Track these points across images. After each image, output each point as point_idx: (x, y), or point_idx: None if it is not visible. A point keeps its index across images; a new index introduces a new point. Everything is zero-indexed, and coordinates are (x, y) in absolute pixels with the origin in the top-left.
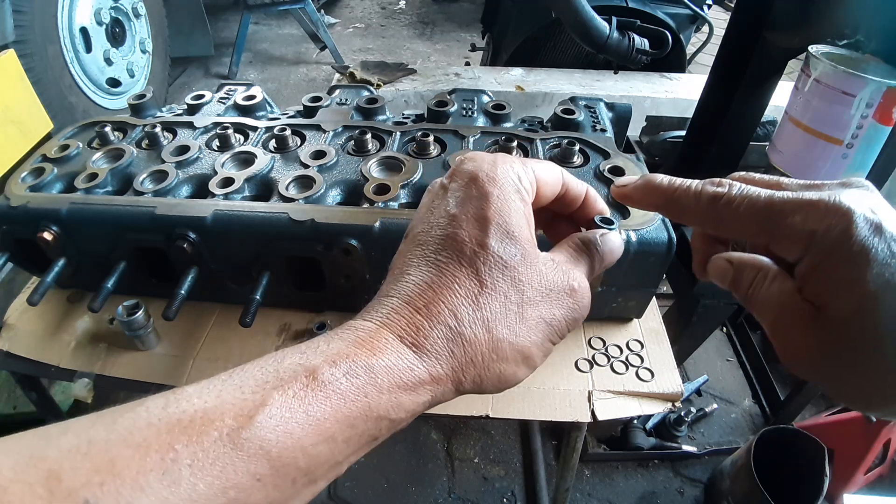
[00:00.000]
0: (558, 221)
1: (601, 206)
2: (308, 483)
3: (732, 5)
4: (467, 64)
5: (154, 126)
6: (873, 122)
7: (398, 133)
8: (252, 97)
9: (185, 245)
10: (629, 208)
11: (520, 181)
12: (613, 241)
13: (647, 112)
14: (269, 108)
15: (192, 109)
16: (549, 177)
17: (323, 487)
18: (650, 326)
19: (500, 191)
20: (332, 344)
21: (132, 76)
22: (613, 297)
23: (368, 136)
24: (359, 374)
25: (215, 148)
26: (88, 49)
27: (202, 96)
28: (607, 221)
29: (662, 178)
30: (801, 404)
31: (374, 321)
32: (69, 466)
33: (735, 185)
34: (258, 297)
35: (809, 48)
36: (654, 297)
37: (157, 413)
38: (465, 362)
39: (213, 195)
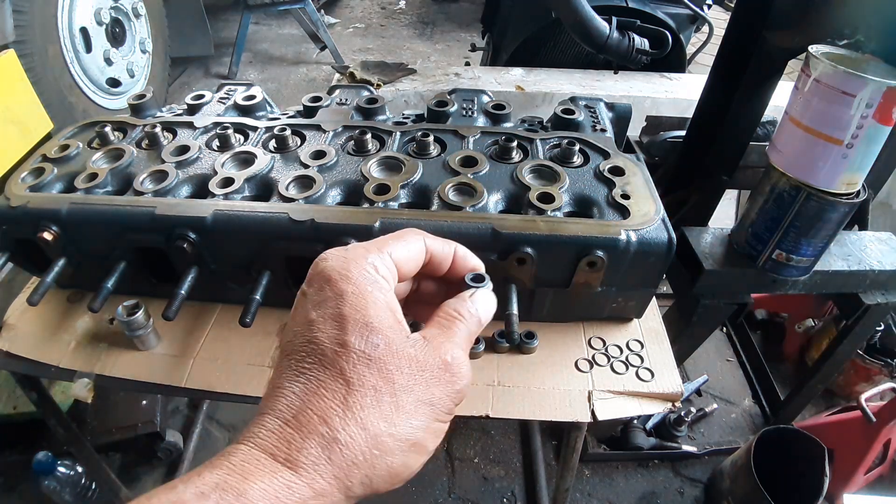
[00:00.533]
0: (428, 287)
1: (473, 263)
2: None
3: (732, 5)
4: (467, 64)
5: (154, 126)
6: (873, 122)
7: (398, 133)
8: (252, 97)
9: (185, 245)
10: (629, 208)
11: (376, 271)
12: (484, 299)
13: (647, 112)
14: (269, 108)
15: (192, 109)
16: (408, 253)
17: None
18: (650, 326)
19: (355, 286)
20: (204, 475)
21: (132, 76)
22: (613, 297)
23: (368, 136)
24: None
25: (215, 148)
26: (88, 49)
27: (202, 96)
28: (478, 279)
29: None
30: (801, 404)
31: (247, 443)
32: None
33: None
34: (258, 297)
35: (809, 48)
36: (654, 297)
37: None
38: (346, 467)
39: (213, 195)
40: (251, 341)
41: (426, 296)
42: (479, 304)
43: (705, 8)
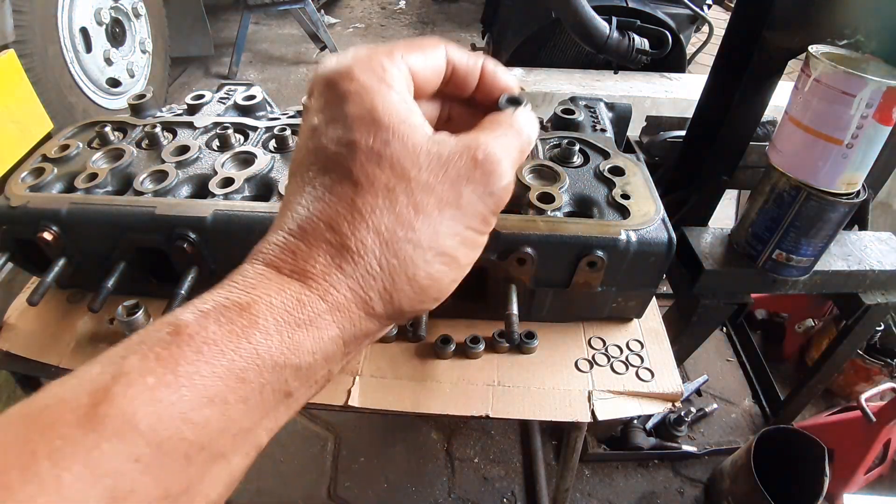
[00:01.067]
0: (460, 115)
1: (504, 81)
2: (211, 459)
3: (732, 5)
4: None
5: (154, 126)
6: (873, 122)
7: None
8: (252, 97)
9: (185, 245)
10: (629, 208)
11: (384, 71)
12: (527, 117)
13: (647, 112)
14: (269, 108)
15: (192, 109)
16: (425, 60)
17: (243, 465)
18: (650, 326)
19: (359, 85)
20: (204, 296)
21: (132, 76)
22: (613, 297)
23: None
24: (233, 319)
25: (215, 148)
26: (88, 49)
27: (202, 96)
28: (514, 101)
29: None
30: (801, 404)
31: (251, 261)
32: None
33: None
34: None
35: (809, 48)
36: (654, 297)
37: (16, 411)
38: (361, 277)
39: (213, 195)
40: None
41: (459, 127)
42: (524, 121)
43: (705, 8)
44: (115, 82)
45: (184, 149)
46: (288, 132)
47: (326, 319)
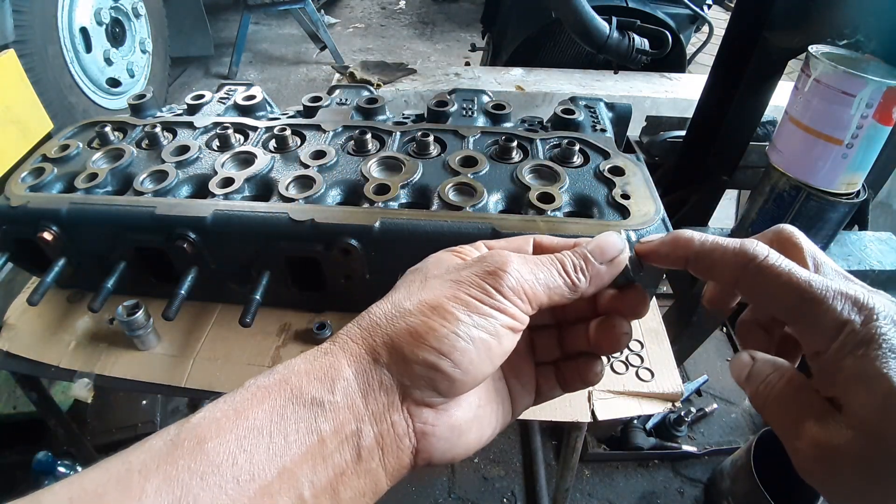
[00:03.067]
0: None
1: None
2: (260, 492)
3: (732, 5)
4: (467, 64)
5: (154, 126)
6: (873, 122)
7: (398, 133)
8: (252, 97)
9: (185, 245)
10: (629, 208)
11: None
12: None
13: (647, 112)
14: (269, 108)
15: (192, 109)
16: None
17: None
18: (650, 326)
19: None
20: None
21: (132, 76)
22: None
23: (368, 135)
24: (276, 370)
25: (215, 148)
26: (88, 49)
27: (202, 96)
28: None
29: (692, 233)
30: None
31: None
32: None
33: (773, 254)
34: (258, 297)
35: (809, 48)
36: (654, 297)
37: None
38: (370, 327)
39: (213, 195)
40: (251, 341)
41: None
42: (592, 244)
43: (705, 8)
44: (115, 82)
45: (184, 149)
46: (288, 132)
47: (341, 358)
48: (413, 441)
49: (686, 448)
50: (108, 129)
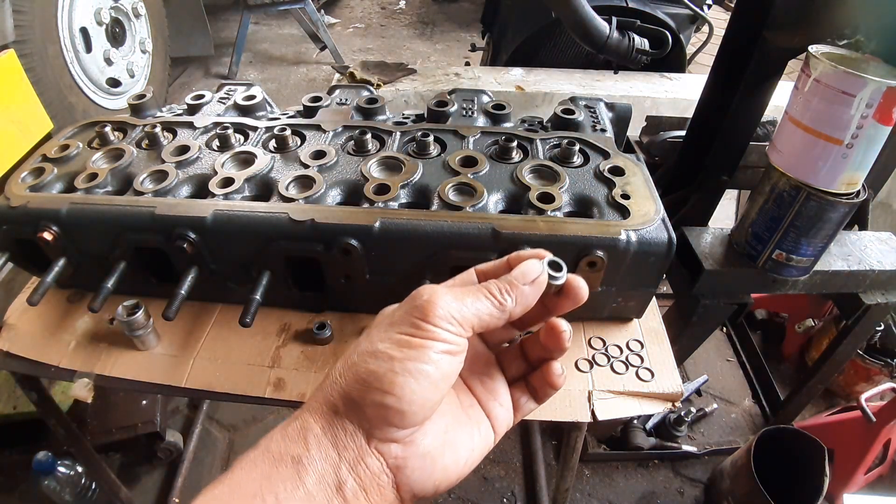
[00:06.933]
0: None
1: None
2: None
3: (732, 5)
4: (467, 64)
5: (154, 126)
6: (873, 121)
7: (398, 133)
8: (252, 97)
9: (185, 245)
10: (629, 208)
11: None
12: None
13: (647, 112)
14: (269, 108)
15: (192, 109)
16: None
17: None
18: (650, 326)
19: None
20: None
21: (132, 76)
22: (613, 297)
23: (368, 136)
24: (259, 444)
25: (215, 148)
26: (88, 49)
27: (202, 96)
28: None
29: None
30: (801, 404)
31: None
32: None
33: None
34: (258, 297)
35: (809, 48)
36: (654, 297)
37: None
38: (327, 386)
39: (213, 195)
40: (251, 341)
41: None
42: (497, 290)
43: (705, 8)
44: (115, 82)
45: (184, 149)
46: (288, 132)
47: (309, 420)
48: (390, 476)
49: (686, 448)
50: (108, 129)
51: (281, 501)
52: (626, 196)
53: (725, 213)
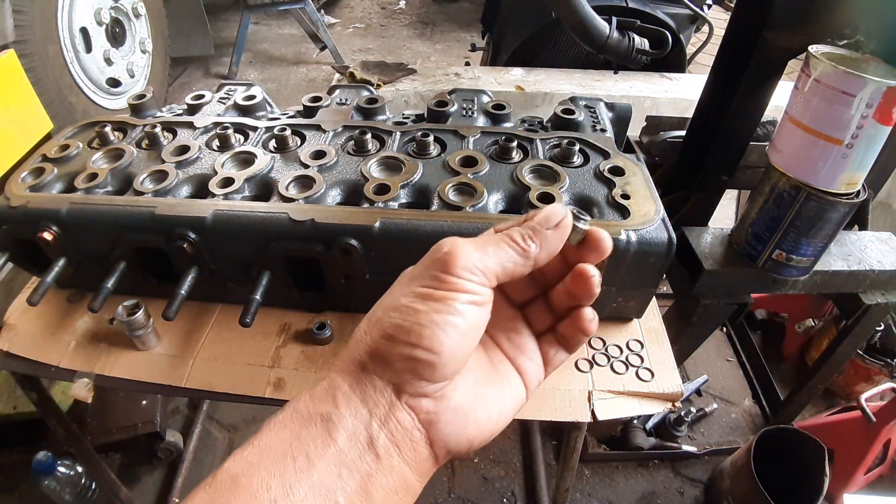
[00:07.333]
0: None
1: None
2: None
3: (732, 5)
4: (467, 64)
5: (154, 126)
6: (873, 121)
7: (398, 133)
8: (252, 97)
9: (185, 245)
10: (629, 208)
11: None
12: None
13: (647, 112)
14: (269, 108)
15: (192, 109)
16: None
17: None
18: (650, 326)
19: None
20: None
21: (132, 76)
22: (613, 297)
23: (368, 136)
24: (286, 406)
25: (215, 148)
26: (88, 49)
27: (202, 96)
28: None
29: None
30: (801, 404)
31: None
32: None
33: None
34: (258, 297)
35: (809, 48)
36: (654, 297)
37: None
38: (353, 344)
39: (213, 195)
40: (251, 341)
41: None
42: (520, 235)
43: (705, 8)
44: (115, 82)
45: (184, 149)
46: (288, 132)
47: (337, 379)
48: (422, 432)
49: (686, 448)
50: (108, 129)
51: (312, 460)
52: (626, 196)
53: (725, 213)
